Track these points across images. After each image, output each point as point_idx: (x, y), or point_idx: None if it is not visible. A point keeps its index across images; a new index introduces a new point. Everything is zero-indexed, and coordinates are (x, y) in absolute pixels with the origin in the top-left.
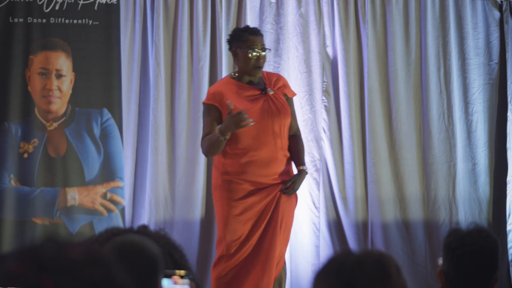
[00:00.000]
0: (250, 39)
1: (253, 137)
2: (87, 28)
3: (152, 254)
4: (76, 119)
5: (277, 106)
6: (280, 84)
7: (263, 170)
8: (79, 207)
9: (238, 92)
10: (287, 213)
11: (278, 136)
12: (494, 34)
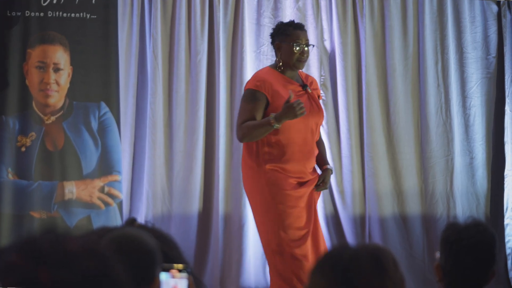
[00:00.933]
0: (294, 33)
1: (297, 131)
2: (84, 22)
3: (149, 248)
4: (73, 112)
5: (317, 105)
6: (314, 86)
7: (302, 165)
8: (76, 200)
9: (284, 84)
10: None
11: (314, 133)
12: (492, 28)
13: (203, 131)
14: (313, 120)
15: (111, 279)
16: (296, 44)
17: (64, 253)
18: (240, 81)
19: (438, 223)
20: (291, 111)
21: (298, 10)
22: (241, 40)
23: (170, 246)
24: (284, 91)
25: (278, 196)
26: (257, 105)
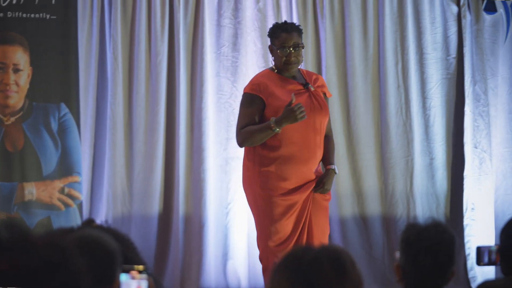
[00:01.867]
0: (281, 36)
1: (295, 130)
2: (44, 22)
3: (109, 249)
4: (33, 113)
5: (319, 103)
6: (319, 83)
7: (302, 166)
8: (36, 202)
9: (281, 85)
10: (321, 212)
11: (318, 132)
12: (451, 28)
13: (163, 132)
14: (316, 118)
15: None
16: (281, 48)
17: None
18: (200, 82)
19: (398, 224)
20: (291, 115)
21: (259, 11)
22: (202, 41)
23: (127, 246)
24: (281, 91)
25: (268, 201)
26: (253, 109)
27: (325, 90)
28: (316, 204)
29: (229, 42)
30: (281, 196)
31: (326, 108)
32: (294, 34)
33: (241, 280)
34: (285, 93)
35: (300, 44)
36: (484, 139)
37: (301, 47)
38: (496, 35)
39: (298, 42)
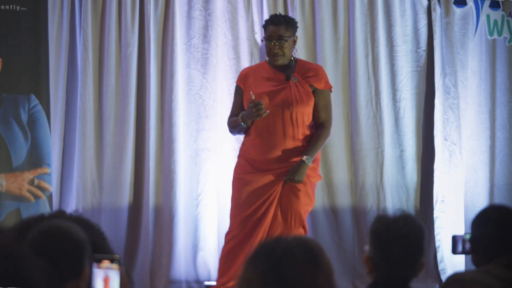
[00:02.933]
0: (267, 29)
1: (268, 121)
2: (14, 14)
3: (78, 239)
4: (3, 105)
5: (296, 95)
6: (310, 74)
7: (264, 155)
8: (6, 193)
9: (264, 76)
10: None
11: (295, 123)
12: (422, 21)
13: (133, 124)
14: (288, 110)
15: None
16: (267, 40)
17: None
18: (170, 74)
19: (368, 216)
20: (252, 112)
21: (229, 2)
22: (172, 33)
23: (97, 235)
24: (260, 81)
25: (234, 187)
26: (236, 99)
27: (315, 81)
28: (287, 191)
29: (199, 34)
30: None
31: (304, 101)
32: (281, 26)
33: (211, 271)
34: (264, 83)
35: (285, 37)
36: (454, 132)
37: (286, 40)
38: (465, 28)
39: (284, 34)
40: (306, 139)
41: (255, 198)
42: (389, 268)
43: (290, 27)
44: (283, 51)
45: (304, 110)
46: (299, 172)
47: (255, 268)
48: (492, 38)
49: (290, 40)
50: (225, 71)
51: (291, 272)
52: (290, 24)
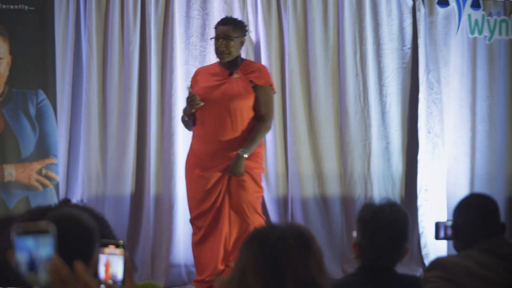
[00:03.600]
0: (217, 28)
1: (206, 114)
2: (23, 13)
3: (88, 227)
4: (12, 99)
5: (235, 89)
6: (251, 71)
7: (206, 146)
8: (15, 182)
9: (210, 72)
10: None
11: (233, 116)
12: (407, 20)
13: (135, 117)
14: (227, 103)
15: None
16: (215, 38)
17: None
18: (170, 70)
19: (356, 204)
20: (187, 103)
21: (225, 3)
22: (171, 32)
23: (102, 224)
24: (206, 77)
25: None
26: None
27: (255, 78)
28: (233, 183)
29: (197, 32)
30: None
31: (243, 95)
32: (229, 27)
33: None
34: (209, 79)
35: (232, 37)
36: (437, 125)
37: (232, 39)
38: (448, 27)
39: (231, 34)
40: (247, 132)
41: (210, 196)
42: (375, 253)
43: (238, 28)
44: (229, 49)
45: (243, 104)
46: (237, 165)
47: (250, 253)
48: (473, 37)
49: (237, 41)
50: None
51: (284, 257)
52: (238, 26)
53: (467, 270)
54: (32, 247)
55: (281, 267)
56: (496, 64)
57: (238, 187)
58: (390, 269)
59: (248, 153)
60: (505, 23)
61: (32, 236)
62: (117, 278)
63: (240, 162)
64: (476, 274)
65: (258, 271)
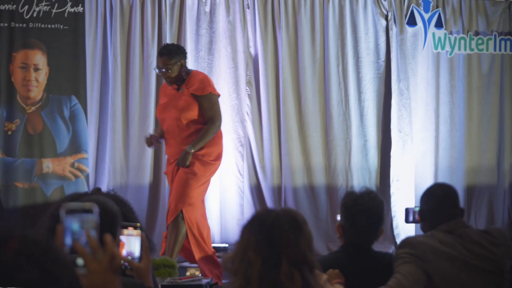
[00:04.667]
0: (157, 59)
1: (165, 123)
2: (59, 31)
3: (112, 211)
4: (50, 104)
5: (182, 102)
6: (191, 84)
7: (168, 149)
8: (52, 174)
9: (166, 90)
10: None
11: (180, 123)
12: (381, 38)
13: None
14: (176, 114)
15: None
16: (158, 68)
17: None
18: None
19: (339, 192)
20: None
21: (229, 23)
22: (184, 46)
23: (127, 209)
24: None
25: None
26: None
27: (195, 90)
28: (177, 176)
29: (205, 47)
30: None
31: (190, 105)
32: (164, 57)
33: (215, 236)
34: (164, 97)
35: (169, 65)
36: (407, 126)
37: (169, 68)
38: (416, 43)
39: (168, 63)
40: (196, 133)
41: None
42: (356, 233)
43: (174, 55)
44: (170, 76)
45: (188, 114)
46: (183, 158)
47: (251, 233)
48: (437, 52)
49: (175, 66)
50: (226, 77)
51: (279, 237)
52: (173, 53)
53: (432, 248)
54: (78, 223)
55: (276, 245)
56: (456, 75)
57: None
58: (368, 247)
59: (194, 149)
60: (463, 40)
61: (78, 214)
62: (134, 255)
63: (187, 156)
64: (439, 250)
65: (257, 249)
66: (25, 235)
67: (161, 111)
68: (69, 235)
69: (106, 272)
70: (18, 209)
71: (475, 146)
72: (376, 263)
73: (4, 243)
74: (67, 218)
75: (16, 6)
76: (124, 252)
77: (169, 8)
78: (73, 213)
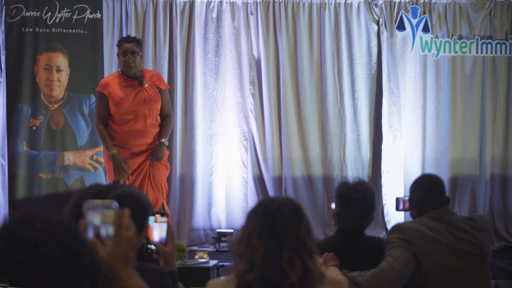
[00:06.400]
0: (123, 45)
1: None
2: (79, 35)
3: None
4: (71, 102)
5: (149, 95)
6: (155, 79)
7: (133, 142)
8: (73, 165)
9: (122, 84)
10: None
11: (148, 116)
12: (373, 41)
13: None
14: (145, 107)
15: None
16: (123, 54)
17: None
18: (191, 80)
19: (334, 182)
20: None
21: (234, 28)
22: (193, 50)
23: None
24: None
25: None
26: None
27: (159, 83)
28: (153, 166)
29: (212, 50)
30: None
31: (156, 99)
32: (133, 43)
33: (221, 222)
34: (123, 90)
35: (136, 52)
36: (396, 122)
37: (137, 54)
38: (405, 46)
39: (135, 50)
40: (158, 127)
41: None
42: (349, 220)
43: (139, 45)
44: (135, 63)
45: (155, 106)
46: (161, 151)
47: (255, 220)
48: (424, 54)
49: (139, 55)
50: (231, 77)
51: (281, 224)
52: (138, 43)
53: (420, 233)
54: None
55: (279, 231)
56: (441, 75)
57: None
58: (361, 232)
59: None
60: (448, 43)
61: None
62: (156, 239)
63: (161, 148)
64: (426, 235)
65: (261, 236)
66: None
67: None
68: (91, 229)
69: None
70: (42, 197)
71: (459, 140)
72: (368, 247)
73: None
74: (88, 214)
75: (40, 12)
76: (157, 238)
77: (179, 14)
78: (95, 209)
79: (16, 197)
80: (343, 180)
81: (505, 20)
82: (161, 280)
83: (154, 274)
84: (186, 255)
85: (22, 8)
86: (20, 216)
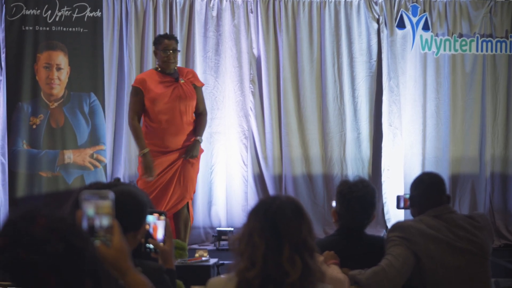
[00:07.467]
0: (164, 42)
1: (165, 114)
2: (79, 34)
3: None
4: (71, 100)
5: (185, 91)
6: (190, 76)
7: (167, 140)
8: (73, 164)
9: (157, 80)
10: (187, 173)
11: (184, 113)
12: (373, 40)
13: None
14: (181, 103)
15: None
16: (164, 50)
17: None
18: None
19: (335, 180)
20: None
21: (234, 26)
22: (193, 48)
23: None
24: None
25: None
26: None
27: (194, 80)
28: (187, 164)
29: (212, 48)
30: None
31: (192, 96)
32: (174, 41)
33: (221, 220)
34: (158, 85)
35: (177, 49)
36: (396, 120)
37: (177, 51)
38: (405, 44)
39: (176, 47)
40: (192, 124)
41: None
42: (350, 218)
43: (177, 42)
44: (175, 59)
45: (191, 103)
46: (196, 149)
47: (256, 219)
48: (424, 52)
49: (178, 52)
50: (231, 75)
51: (283, 223)
52: (177, 40)
53: (420, 231)
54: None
55: (280, 230)
56: (441, 73)
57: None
58: (361, 231)
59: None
60: (448, 41)
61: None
62: (159, 238)
63: (197, 147)
64: (427, 234)
65: (262, 234)
66: (52, 213)
67: (165, 102)
68: (85, 219)
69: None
70: (42, 196)
71: (459, 138)
72: (368, 245)
73: (34, 218)
74: (84, 204)
75: (40, 11)
76: (161, 236)
77: (179, 12)
78: (90, 200)
79: (16, 195)
80: (343, 179)
81: (505, 18)
82: (159, 277)
83: (152, 271)
84: (186, 254)
85: (22, 7)
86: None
